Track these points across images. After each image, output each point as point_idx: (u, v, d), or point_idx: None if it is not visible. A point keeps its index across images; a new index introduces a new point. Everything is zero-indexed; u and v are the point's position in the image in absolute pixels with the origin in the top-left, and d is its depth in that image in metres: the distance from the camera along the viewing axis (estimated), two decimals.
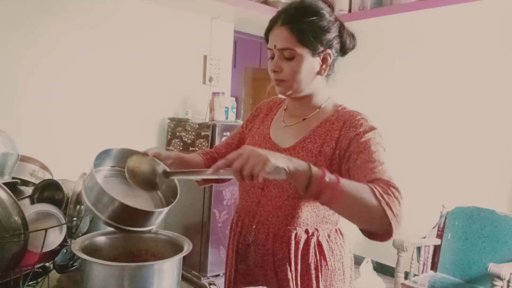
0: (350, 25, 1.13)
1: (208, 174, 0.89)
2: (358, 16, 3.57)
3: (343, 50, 1.11)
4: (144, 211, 0.92)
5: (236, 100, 4.07)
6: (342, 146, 1.02)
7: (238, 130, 1.31)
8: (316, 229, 1.09)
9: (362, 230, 0.93)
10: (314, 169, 0.84)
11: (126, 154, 1.02)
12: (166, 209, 0.96)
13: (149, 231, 0.99)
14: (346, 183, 0.85)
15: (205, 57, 3.56)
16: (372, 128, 1.02)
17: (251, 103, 5.41)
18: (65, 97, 2.84)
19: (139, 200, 1.00)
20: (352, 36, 1.11)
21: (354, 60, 3.83)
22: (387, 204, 0.85)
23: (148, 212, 0.93)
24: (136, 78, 3.17)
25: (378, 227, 0.88)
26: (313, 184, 0.83)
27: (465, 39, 3.21)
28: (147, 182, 0.97)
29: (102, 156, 1.01)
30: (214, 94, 3.34)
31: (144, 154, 1.03)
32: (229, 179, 1.26)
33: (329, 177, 0.84)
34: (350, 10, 3.69)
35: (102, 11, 2.97)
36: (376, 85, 3.77)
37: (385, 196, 0.86)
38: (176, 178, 0.99)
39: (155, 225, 0.97)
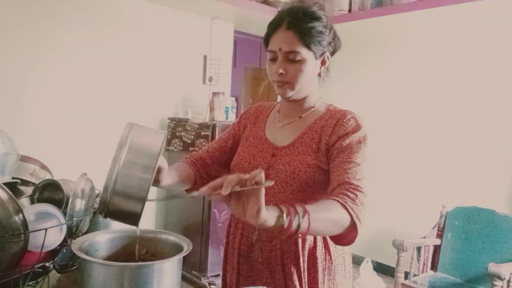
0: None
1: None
2: (358, 16, 3.56)
3: (334, 52, 1.16)
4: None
5: (236, 100, 4.07)
6: (331, 143, 1.07)
7: (230, 132, 1.29)
8: None
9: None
10: (285, 221, 0.80)
11: None
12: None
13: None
14: (315, 216, 0.85)
15: (205, 57, 3.56)
16: (358, 128, 1.06)
17: (251, 103, 5.41)
18: (65, 97, 2.84)
19: None
20: (339, 38, 1.17)
21: (355, 60, 3.86)
22: (357, 216, 0.93)
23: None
24: (136, 78, 3.17)
25: (345, 233, 0.94)
26: (285, 231, 0.81)
27: (465, 39, 3.21)
28: None
29: None
30: (214, 94, 3.33)
31: None
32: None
33: (297, 223, 0.81)
34: (350, 10, 3.67)
35: (102, 12, 2.97)
36: (376, 85, 3.77)
37: (354, 208, 0.93)
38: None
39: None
